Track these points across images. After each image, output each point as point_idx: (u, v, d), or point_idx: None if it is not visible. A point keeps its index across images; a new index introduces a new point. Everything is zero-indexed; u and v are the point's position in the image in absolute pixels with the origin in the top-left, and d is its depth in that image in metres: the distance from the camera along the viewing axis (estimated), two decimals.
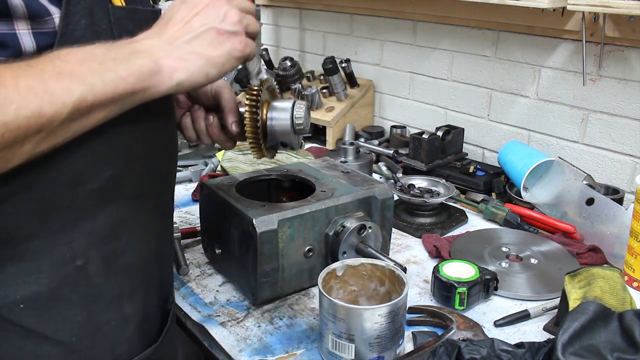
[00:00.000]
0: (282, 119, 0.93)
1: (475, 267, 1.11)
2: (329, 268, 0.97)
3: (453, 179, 1.62)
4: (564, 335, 0.82)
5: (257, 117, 0.90)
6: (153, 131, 0.77)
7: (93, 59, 0.60)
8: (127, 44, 0.65)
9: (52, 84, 0.56)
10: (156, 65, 0.64)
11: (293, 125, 0.92)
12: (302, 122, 0.93)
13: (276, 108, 0.93)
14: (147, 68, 0.63)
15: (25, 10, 0.60)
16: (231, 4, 0.71)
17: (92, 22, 0.66)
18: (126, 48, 0.64)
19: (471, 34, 1.76)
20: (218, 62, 0.70)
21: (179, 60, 0.66)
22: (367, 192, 1.14)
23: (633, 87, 1.43)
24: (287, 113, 0.92)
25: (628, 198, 1.45)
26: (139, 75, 0.62)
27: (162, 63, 0.65)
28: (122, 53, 0.63)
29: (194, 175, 1.69)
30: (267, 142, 0.95)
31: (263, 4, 2.52)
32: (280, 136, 0.94)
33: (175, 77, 0.66)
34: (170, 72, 0.65)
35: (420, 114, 1.99)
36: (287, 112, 0.92)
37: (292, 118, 0.92)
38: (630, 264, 1.16)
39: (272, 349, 0.97)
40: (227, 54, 0.70)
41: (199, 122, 0.95)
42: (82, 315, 0.72)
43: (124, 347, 0.78)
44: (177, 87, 0.67)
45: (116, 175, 0.71)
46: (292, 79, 2.12)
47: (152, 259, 0.82)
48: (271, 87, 0.96)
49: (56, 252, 0.68)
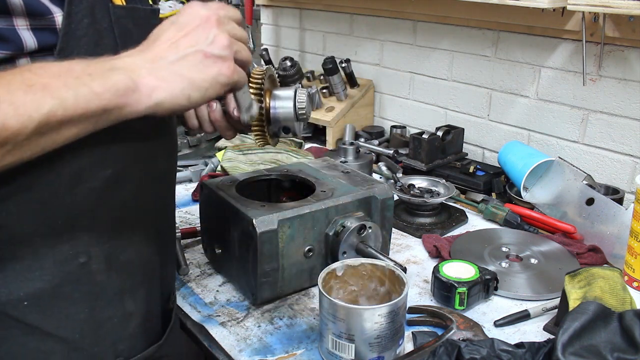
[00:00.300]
0: (285, 106, 0.94)
1: (475, 267, 1.11)
2: (329, 268, 0.97)
3: (453, 179, 1.62)
4: (564, 335, 0.82)
5: (261, 104, 0.91)
6: (152, 130, 0.78)
7: (69, 74, 0.58)
8: (107, 60, 0.62)
9: (19, 97, 0.54)
10: (133, 83, 0.61)
11: (296, 112, 0.94)
12: (304, 108, 0.94)
13: (279, 96, 0.94)
14: (123, 84, 0.60)
15: (23, 8, 0.60)
16: (221, 28, 0.68)
17: (93, 21, 0.66)
18: (105, 64, 0.61)
19: (471, 34, 1.76)
20: (202, 85, 0.66)
21: (160, 80, 0.63)
22: (367, 192, 1.14)
23: (633, 87, 1.43)
24: (290, 101, 0.93)
25: (628, 198, 1.45)
26: (114, 91, 0.60)
27: (140, 81, 0.62)
28: (100, 69, 0.60)
29: (194, 175, 1.69)
30: (270, 129, 0.96)
31: (263, 4, 2.52)
32: (284, 123, 0.95)
33: (154, 96, 0.63)
34: (149, 91, 0.62)
35: (420, 114, 1.99)
36: (290, 100, 0.93)
37: (295, 105, 0.93)
38: (630, 264, 1.16)
39: (272, 349, 0.97)
40: (212, 78, 0.67)
41: (201, 109, 0.93)
42: (85, 312, 0.73)
43: (126, 344, 0.79)
44: (157, 108, 0.64)
45: (116, 175, 0.72)
46: (292, 79, 2.11)
47: (154, 256, 0.83)
48: (272, 76, 0.97)
49: (58, 250, 0.69)
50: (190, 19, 0.67)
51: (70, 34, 0.63)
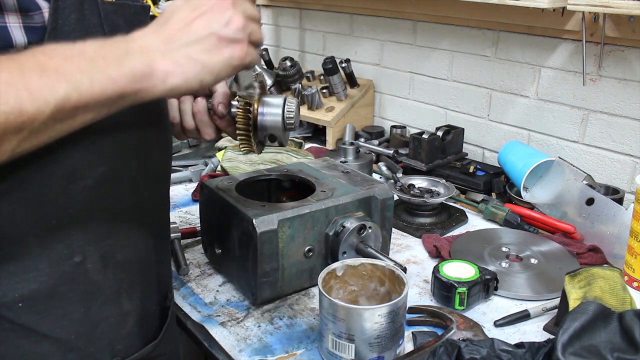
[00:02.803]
0: (273, 114, 0.92)
1: (475, 267, 1.11)
2: (329, 268, 0.97)
3: (453, 179, 1.62)
4: (564, 335, 0.82)
5: (250, 107, 0.90)
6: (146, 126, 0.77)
7: (82, 56, 0.57)
8: (121, 41, 0.61)
9: (33, 81, 0.54)
10: (149, 69, 0.61)
11: (284, 121, 0.92)
12: (292, 118, 0.92)
13: (268, 103, 0.92)
14: (139, 70, 0.60)
15: (15, 3, 0.59)
16: (236, 8, 0.67)
17: (82, 16, 0.64)
18: (120, 47, 0.60)
19: (471, 34, 1.76)
20: (215, 69, 0.66)
21: (175, 65, 0.63)
22: (367, 192, 1.14)
23: (633, 87, 1.43)
24: (279, 109, 0.92)
25: (628, 198, 1.45)
26: (131, 77, 0.59)
27: (156, 66, 0.61)
28: (115, 52, 0.60)
29: (194, 175, 1.69)
30: (257, 136, 0.94)
31: (263, 4, 2.52)
32: (271, 131, 0.93)
33: (169, 81, 0.63)
34: (164, 76, 0.62)
35: (420, 114, 1.99)
36: (279, 108, 0.92)
37: (284, 114, 0.92)
38: (630, 264, 1.16)
39: (272, 349, 0.97)
40: (225, 61, 0.66)
41: (185, 102, 0.92)
42: (80, 312, 0.72)
43: (123, 343, 0.78)
44: (170, 92, 0.64)
45: (110, 172, 0.71)
46: (292, 79, 2.12)
47: (150, 254, 0.82)
48: (262, 82, 0.96)
49: (53, 250, 0.68)
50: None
51: (57, 29, 0.62)
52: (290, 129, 0.94)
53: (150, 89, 0.62)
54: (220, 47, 0.66)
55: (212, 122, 0.93)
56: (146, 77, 0.61)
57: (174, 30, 0.65)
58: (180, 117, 0.93)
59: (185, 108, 0.92)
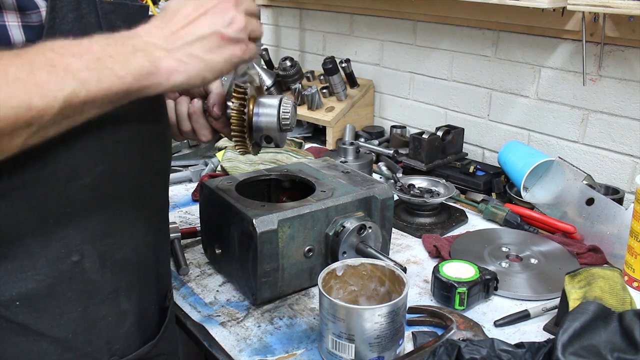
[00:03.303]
0: (268, 114, 0.91)
1: (475, 267, 1.11)
2: (329, 268, 0.97)
3: (453, 179, 1.62)
4: (564, 335, 0.82)
5: (245, 109, 0.89)
6: (145, 125, 0.77)
7: (90, 54, 0.59)
8: (126, 39, 0.63)
9: (42, 77, 0.55)
10: (154, 67, 0.63)
11: (279, 122, 0.91)
12: (288, 119, 0.91)
13: (263, 104, 0.91)
14: (145, 68, 0.62)
15: (14, 2, 0.59)
16: (238, 8, 0.69)
17: (79, 16, 0.65)
18: (125, 45, 0.62)
19: (471, 34, 1.76)
20: (217, 67, 0.68)
21: (179, 63, 0.65)
22: (367, 192, 1.14)
23: (633, 87, 1.43)
24: (274, 109, 0.91)
25: (628, 198, 1.45)
26: (137, 75, 0.61)
27: (160, 64, 0.63)
28: (121, 50, 0.61)
29: (194, 175, 1.69)
30: (252, 137, 0.93)
31: (263, 4, 2.52)
32: (266, 132, 0.92)
33: (172, 79, 0.65)
34: (168, 74, 0.64)
35: (420, 114, 1.99)
36: (274, 109, 0.91)
37: (279, 114, 0.91)
38: (630, 264, 1.16)
39: (272, 349, 0.97)
40: (226, 59, 0.69)
41: (181, 104, 0.93)
42: (78, 311, 0.72)
43: (121, 343, 0.78)
44: (173, 89, 0.66)
45: (109, 171, 0.71)
46: (292, 79, 2.12)
47: (149, 253, 0.82)
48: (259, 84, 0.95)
49: (51, 249, 0.68)
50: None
51: (55, 28, 0.62)
52: (287, 130, 0.93)
53: (154, 86, 0.64)
54: (223, 46, 0.68)
55: (208, 124, 0.93)
56: (151, 75, 0.63)
57: (177, 27, 0.66)
58: (177, 119, 0.93)
59: (181, 110, 0.93)
